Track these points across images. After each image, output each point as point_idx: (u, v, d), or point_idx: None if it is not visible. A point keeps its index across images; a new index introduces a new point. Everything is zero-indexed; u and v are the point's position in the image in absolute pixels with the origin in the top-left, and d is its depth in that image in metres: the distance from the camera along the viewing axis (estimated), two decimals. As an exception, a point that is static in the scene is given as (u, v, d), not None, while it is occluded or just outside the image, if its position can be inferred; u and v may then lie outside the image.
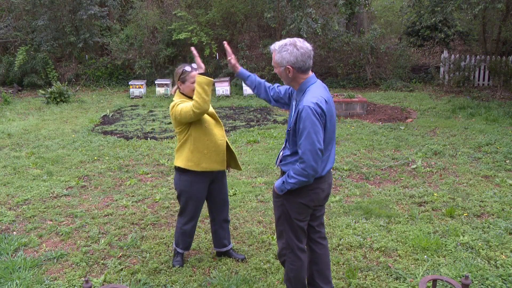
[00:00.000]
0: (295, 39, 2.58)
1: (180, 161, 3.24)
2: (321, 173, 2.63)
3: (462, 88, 11.99)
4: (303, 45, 2.55)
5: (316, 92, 2.55)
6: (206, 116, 3.19)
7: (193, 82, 3.06)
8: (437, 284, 3.18)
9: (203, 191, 3.34)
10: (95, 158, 6.77)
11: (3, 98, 12.37)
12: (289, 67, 2.56)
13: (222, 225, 3.58)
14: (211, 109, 3.26)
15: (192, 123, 3.13)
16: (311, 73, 2.64)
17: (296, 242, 2.76)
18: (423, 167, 5.83)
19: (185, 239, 3.52)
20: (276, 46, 2.60)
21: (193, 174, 3.24)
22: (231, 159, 3.46)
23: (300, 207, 2.67)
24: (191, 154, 3.19)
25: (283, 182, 2.61)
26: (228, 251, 3.68)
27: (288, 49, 2.53)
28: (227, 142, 3.35)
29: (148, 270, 3.53)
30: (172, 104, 3.17)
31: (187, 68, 3.14)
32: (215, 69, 14.90)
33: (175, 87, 3.27)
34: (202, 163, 3.18)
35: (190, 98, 3.17)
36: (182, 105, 3.08)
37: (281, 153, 2.79)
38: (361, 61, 13.54)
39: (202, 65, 3.01)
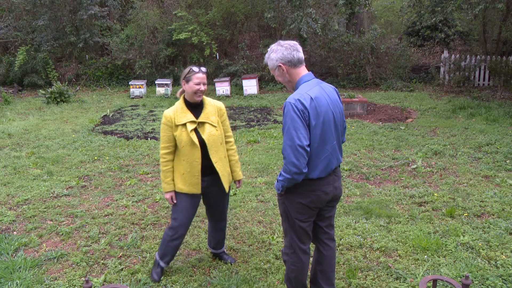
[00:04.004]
0: (278, 41, 2.68)
1: None
2: (319, 174, 2.59)
3: (462, 88, 11.99)
4: (286, 42, 2.62)
5: (304, 89, 2.54)
6: (183, 137, 3.09)
7: (197, 84, 3.07)
8: (437, 284, 3.18)
9: (184, 211, 3.23)
10: (95, 158, 6.77)
11: (3, 98, 12.38)
12: (281, 64, 2.59)
13: (214, 229, 3.54)
14: (190, 135, 3.10)
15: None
16: (305, 70, 2.64)
17: (298, 243, 2.76)
18: (423, 167, 5.83)
19: (170, 252, 3.38)
20: (265, 56, 2.69)
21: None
22: (223, 177, 3.23)
23: (300, 207, 2.65)
24: (173, 174, 3.23)
25: (277, 180, 2.63)
26: (218, 254, 3.68)
27: (273, 49, 2.63)
28: (214, 163, 3.16)
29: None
30: (164, 114, 3.15)
31: (195, 68, 3.15)
32: (215, 69, 14.90)
33: (181, 89, 3.25)
34: (179, 183, 3.19)
35: (190, 105, 3.17)
36: (162, 133, 3.15)
37: None
38: (361, 61, 13.54)
39: None
